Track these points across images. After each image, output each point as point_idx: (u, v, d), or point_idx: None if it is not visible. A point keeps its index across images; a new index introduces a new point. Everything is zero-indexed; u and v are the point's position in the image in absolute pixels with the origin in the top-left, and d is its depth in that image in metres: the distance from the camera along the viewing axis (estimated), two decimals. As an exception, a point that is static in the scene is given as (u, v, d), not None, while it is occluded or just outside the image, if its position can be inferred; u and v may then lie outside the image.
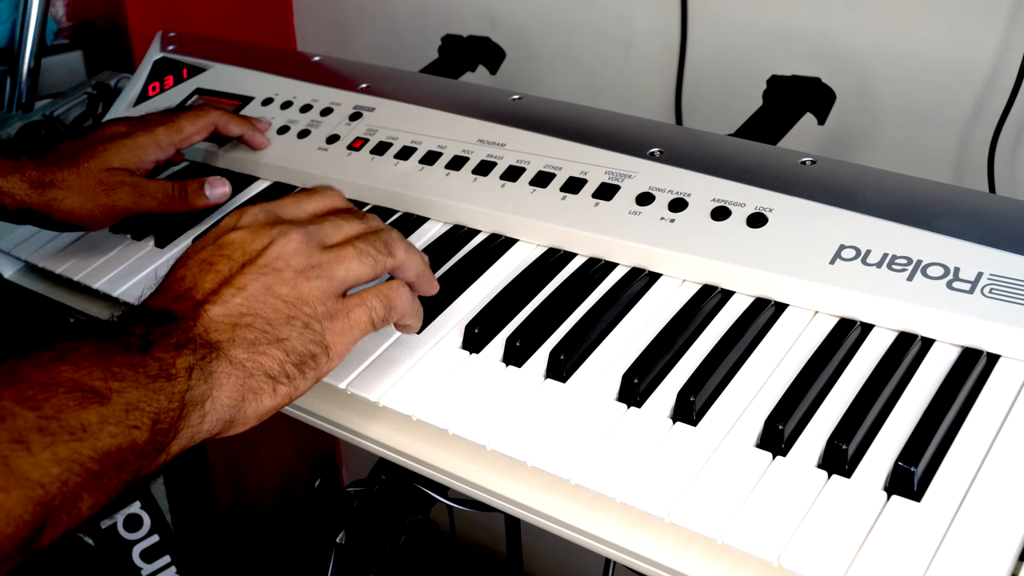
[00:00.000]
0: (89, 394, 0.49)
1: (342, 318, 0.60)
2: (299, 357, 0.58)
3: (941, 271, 0.62)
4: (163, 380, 0.52)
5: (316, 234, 0.62)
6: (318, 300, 0.59)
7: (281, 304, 0.58)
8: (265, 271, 0.58)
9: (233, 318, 0.57)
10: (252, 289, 0.58)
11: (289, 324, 0.58)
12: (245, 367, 0.56)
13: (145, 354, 0.53)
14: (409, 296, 0.64)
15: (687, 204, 0.72)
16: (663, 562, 0.55)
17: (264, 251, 0.59)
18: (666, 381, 0.62)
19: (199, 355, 0.54)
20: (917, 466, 0.52)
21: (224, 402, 0.55)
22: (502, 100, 0.89)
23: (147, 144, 0.84)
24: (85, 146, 0.82)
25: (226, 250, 0.60)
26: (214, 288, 0.58)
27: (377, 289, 0.62)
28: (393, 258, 0.64)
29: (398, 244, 0.64)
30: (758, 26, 1.11)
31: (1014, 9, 0.93)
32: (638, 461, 0.57)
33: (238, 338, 0.56)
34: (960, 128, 1.01)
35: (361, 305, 0.61)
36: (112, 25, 1.47)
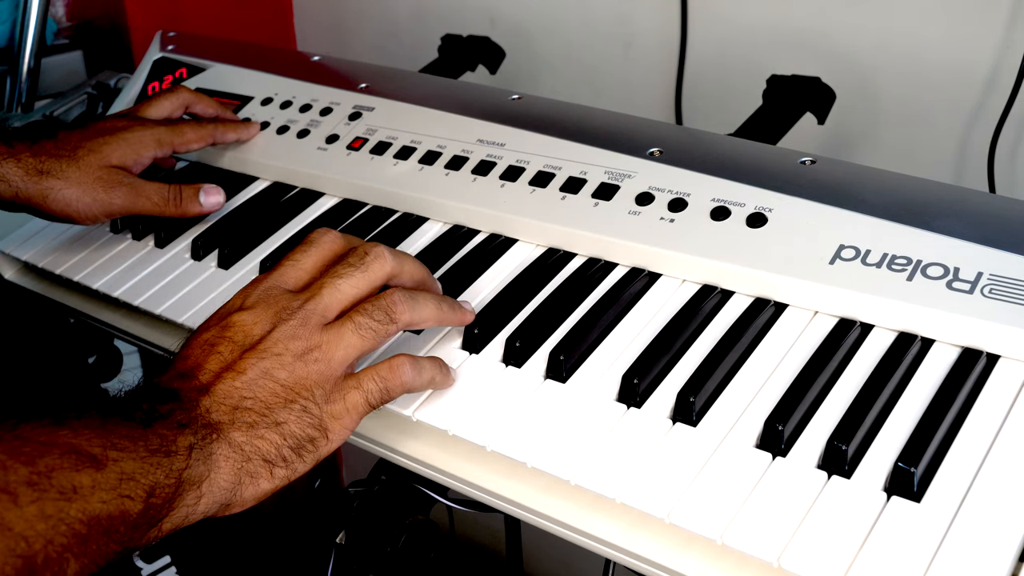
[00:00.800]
0: (85, 458, 0.49)
1: (339, 401, 0.60)
2: (296, 441, 0.58)
3: (941, 271, 0.62)
4: (162, 455, 0.52)
5: (315, 312, 0.61)
6: (316, 384, 0.59)
7: (280, 388, 0.58)
8: (265, 356, 0.59)
9: (234, 401, 0.57)
10: (252, 373, 0.58)
11: (287, 408, 0.58)
12: (243, 450, 0.56)
13: (148, 429, 0.53)
14: (410, 371, 0.62)
15: (687, 204, 0.72)
16: (663, 563, 0.55)
17: (265, 337, 0.60)
18: (666, 381, 0.62)
19: (200, 435, 0.55)
20: (917, 467, 0.52)
21: (221, 484, 0.55)
22: (502, 100, 0.89)
23: (147, 140, 0.84)
24: (85, 137, 0.82)
25: (229, 332, 0.60)
26: (216, 371, 0.58)
27: (376, 368, 0.62)
28: (395, 323, 0.63)
29: (399, 307, 0.63)
30: (758, 26, 1.11)
31: (1014, 9, 0.93)
32: (638, 462, 0.57)
33: (238, 421, 0.57)
34: (960, 128, 1.01)
35: (357, 388, 0.61)
36: (112, 25, 1.47)
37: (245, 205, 0.89)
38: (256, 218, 0.86)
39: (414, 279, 0.67)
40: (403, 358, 0.62)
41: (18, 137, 0.81)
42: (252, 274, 0.79)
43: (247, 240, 0.83)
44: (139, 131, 0.84)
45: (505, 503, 0.62)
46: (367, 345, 0.61)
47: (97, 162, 0.81)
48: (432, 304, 0.65)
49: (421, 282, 0.67)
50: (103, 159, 0.81)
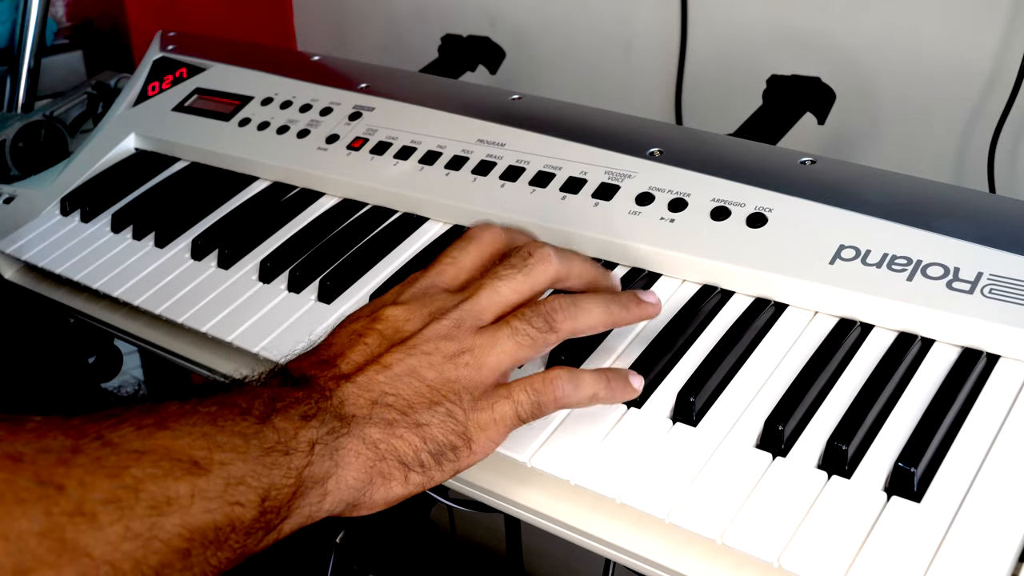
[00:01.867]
0: (184, 464, 0.45)
1: (487, 410, 0.56)
2: (437, 446, 0.54)
3: (941, 271, 0.62)
4: (279, 454, 0.49)
5: (470, 313, 0.58)
6: (465, 389, 0.55)
7: (425, 388, 0.55)
8: (413, 352, 0.55)
9: (374, 395, 0.54)
10: (398, 369, 0.55)
11: (431, 410, 0.54)
12: (378, 448, 0.52)
13: (264, 424, 0.49)
14: (567, 385, 0.57)
15: (687, 204, 0.72)
16: (663, 562, 0.55)
17: (416, 333, 0.56)
18: (666, 381, 0.62)
19: (327, 427, 0.51)
20: (917, 467, 0.52)
21: (349, 482, 0.51)
22: (502, 100, 0.89)
23: None
24: None
25: (379, 324, 0.57)
26: (360, 362, 0.55)
27: (530, 380, 0.57)
28: (556, 332, 0.58)
29: (560, 314, 0.58)
30: (758, 26, 1.11)
31: (1014, 9, 0.93)
32: (638, 462, 0.57)
33: (375, 416, 0.53)
34: (960, 128, 1.01)
35: (507, 398, 0.56)
36: (112, 25, 1.47)
37: (245, 205, 0.89)
38: (256, 218, 0.86)
39: (583, 280, 0.63)
40: (560, 370, 0.58)
41: None
42: (252, 274, 0.79)
43: (247, 240, 0.83)
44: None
45: (505, 503, 0.62)
46: (523, 353, 0.57)
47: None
48: (599, 309, 0.61)
49: (592, 282, 0.63)
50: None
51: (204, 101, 1.01)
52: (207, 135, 0.96)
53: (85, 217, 0.92)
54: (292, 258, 0.79)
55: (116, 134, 1.01)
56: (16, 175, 1.11)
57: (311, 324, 0.72)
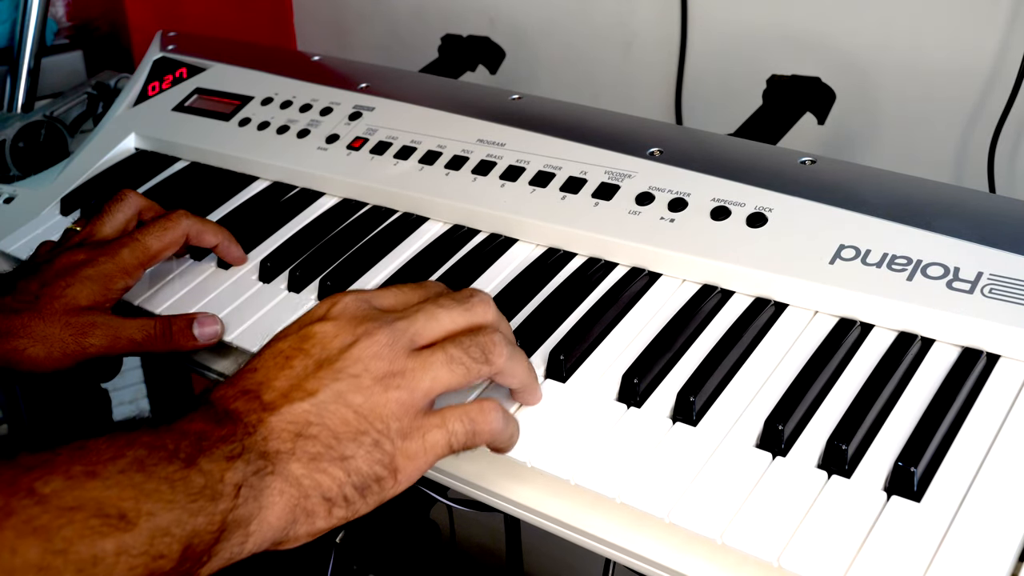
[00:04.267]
0: (113, 519, 0.44)
1: (417, 439, 0.54)
2: (362, 479, 0.52)
3: (941, 271, 0.62)
4: (205, 500, 0.47)
5: (405, 332, 0.55)
6: (393, 415, 0.53)
7: (352, 415, 0.52)
8: (340, 376, 0.53)
9: (298, 426, 0.51)
10: (323, 396, 0.52)
11: (357, 441, 0.52)
12: (301, 485, 0.50)
13: (191, 467, 0.47)
14: (501, 419, 0.56)
15: (687, 204, 0.72)
16: (663, 562, 0.55)
17: (344, 352, 0.54)
18: (666, 381, 0.62)
19: (252, 468, 0.49)
20: (917, 466, 0.52)
21: (272, 523, 0.50)
22: (502, 100, 0.89)
23: (112, 272, 0.73)
24: (45, 283, 0.72)
25: (306, 343, 0.54)
26: (284, 389, 0.52)
27: (464, 409, 0.55)
28: (490, 365, 0.56)
29: (498, 349, 0.57)
30: (758, 26, 1.11)
31: (1014, 9, 0.93)
32: (638, 461, 0.57)
33: (299, 450, 0.51)
34: (960, 128, 1.01)
35: (441, 427, 0.54)
36: (112, 25, 1.47)
37: (245, 205, 0.89)
38: (256, 218, 0.86)
39: (508, 340, 0.60)
40: (496, 403, 0.56)
41: None
42: (252, 274, 0.79)
43: (247, 240, 0.82)
44: (101, 264, 0.73)
45: (505, 503, 0.61)
46: (455, 381, 0.55)
47: (61, 308, 0.71)
48: (525, 363, 0.59)
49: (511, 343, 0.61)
50: (69, 304, 0.71)
51: (204, 101, 1.01)
52: (207, 135, 0.96)
53: (86, 217, 0.92)
54: (292, 258, 0.79)
55: (116, 134, 1.01)
56: (16, 175, 1.11)
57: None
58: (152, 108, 1.03)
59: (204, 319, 0.73)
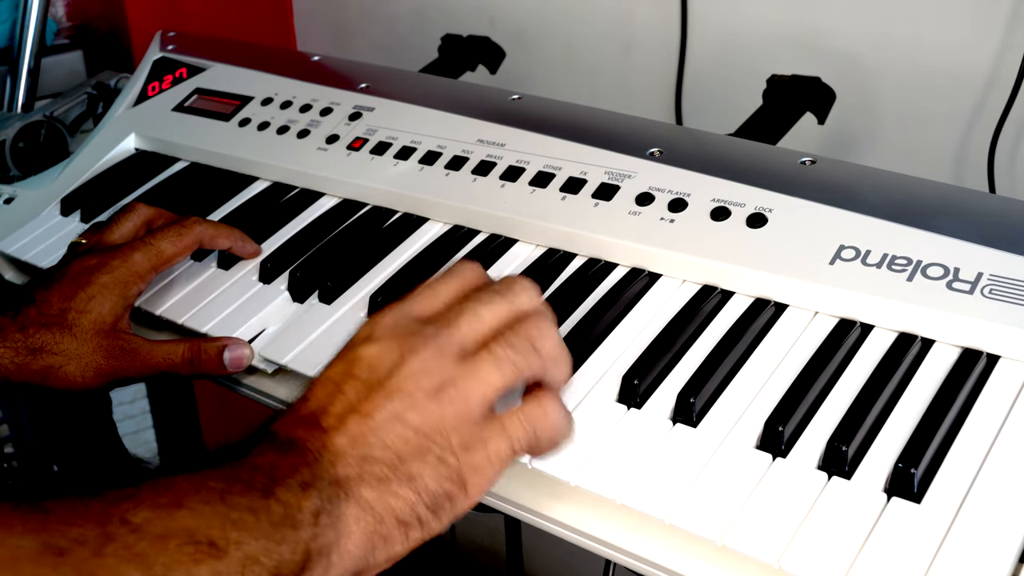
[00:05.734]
0: (204, 547, 0.44)
1: (480, 449, 0.53)
2: (432, 498, 0.51)
3: (941, 271, 0.62)
4: (287, 528, 0.47)
5: (451, 340, 0.54)
6: (452, 428, 0.52)
7: (411, 434, 0.51)
8: (393, 396, 0.52)
9: (361, 450, 0.51)
10: (379, 417, 0.51)
11: (421, 459, 0.51)
12: (375, 511, 0.50)
13: (269, 497, 0.47)
14: (561, 416, 0.55)
15: (687, 204, 0.72)
16: (663, 563, 0.55)
17: (393, 371, 0.53)
18: (666, 382, 0.62)
19: (326, 495, 0.49)
20: (917, 467, 0.52)
21: (352, 551, 0.49)
22: (502, 100, 0.89)
23: (127, 278, 0.73)
24: (65, 296, 0.72)
25: (355, 368, 0.53)
26: (340, 414, 0.52)
27: (524, 412, 0.54)
28: (539, 355, 0.55)
29: (543, 335, 0.55)
30: (758, 26, 1.11)
31: (1014, 10, 0.93)
32: (638, 463, 0.57)
33: (366, 474, 0.50)
34: (960, 128, 1.01)
35: (501, 434, 0.53)
36: (112, 25, 1.47)
37: (245, 206, 0.89)
38: (256, 219, 0.86)
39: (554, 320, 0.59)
40: (554, 402, 0.55)
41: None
42: (253, 275, 0.79)
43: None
44: (116, 270, 0.73)
45: (505, 503, 0.61)
46: (508, 381, 0.54)
47: (92, 327, 0.71)
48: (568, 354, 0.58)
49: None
50: (97, 322, 0.71)
51: (204, 101, 1.01)
52: (207, 135, 0.96)
53: (85, 217, 0.92)
54: (292, 259, 0.79)
55: (116, 134, 1.01)
56: (16, 175, 1.11)
57: (312, 325, 0.72)
58: (152, 108, 1.03)
59: (234, 346, 0.72)
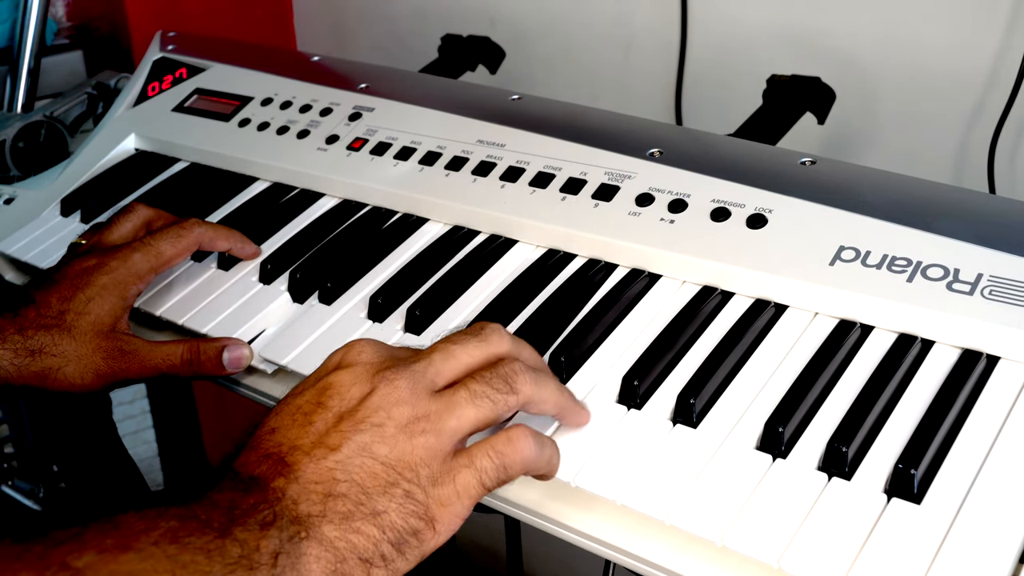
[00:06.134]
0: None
1: (448, 483, 0.52)
2: (397, 535, 0.50)
3: (941, 272, 0.62)
4: (243, 570, 0.45)
5: (425, 374, 0.54)
6: (422, 462, 0.51)
7: (380, 467, 0.50)
8: (362, 427, 0.51)
9: (326, 485, 0.49)
10: (347, 450, 0.50)
11: (387, 493, 0.50)
12: (336, 548, 0.48)
13: (225, 537, 0.46)
14: (532, 445, 0.54)
15: (687, 205, 0.72)
16: (663, 564, 0.55)
17: (364, 401, 0.52)
18: (666, 383, 0.62)
19: (287, 534, 0.48)
20: (917, 468, 0.52)
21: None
22: (502, 100, 0.89)
23: (126, 278, 0.73)
24: (64, 297, 0.72)
25: (324, 396, 0.53)
26: (306, 447, 0.50)
27: (490, 442, 0.53)
28: (516, 395, 0.54)
29: (521, 377, 0.55)
30: (758, 26, 1.11)
31: (1014, 9, 0.93)
32: (638, 464, 0.57)
33: (330, 511, 0.49)
34: (960, 128, 1.01)
35: (469, 466, 0.52)
36: (112, 25, 1.47)
37: (245, 206, 0.89)
38: (256, 219, 0.86)
39: (530, 362, 0.58)
40: (523, 429, 0.53)
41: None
42: (252, 276, 0.79)
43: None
44: (115, 271, 0.73)
45: (505, 504, 0.61)
46: (482, 418, 0.53)
47: (91, 328, 0.71)
48: (554, 385, 0.57)
49: (540, 367, 0.59)
50: (96, 323, 0.71)
51: (204, 101, 1.01)
52: (207, 135, 0.96)
53: (85, 218, 0.92)
54: (292, 259, 0.79)
55: (116, 134, 1.01)
56: (16, 175, 1.11)
57: (312, 326, 0.72)
58: (152, 108, 1.03)
59: (234, 347, 0.71)
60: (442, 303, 0.72)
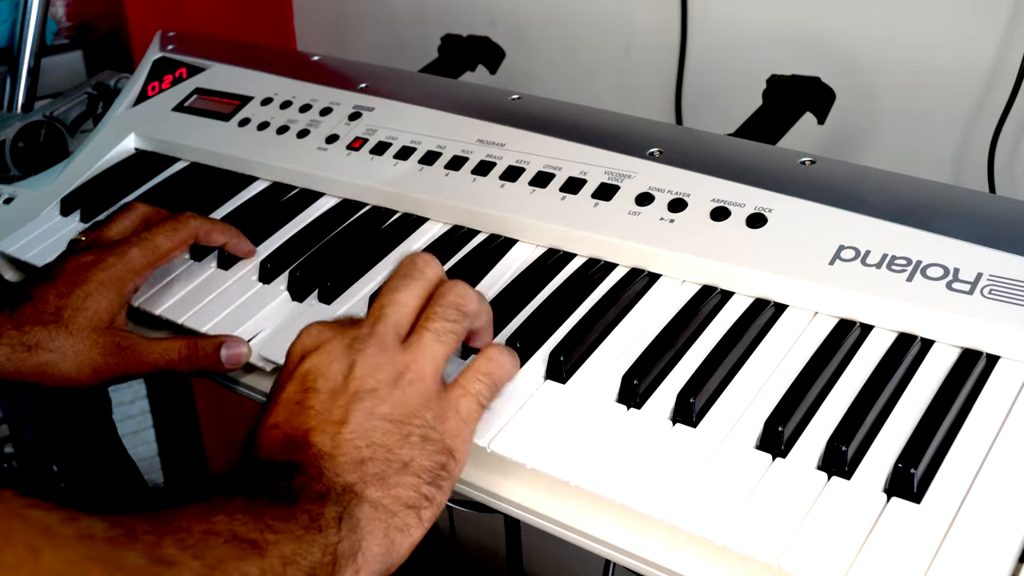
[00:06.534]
0: (247, 544, 0.46)
1: (452, 415, 0.56)
2: (430, 474, 0.54)
3: (941, 272, 0.62)
4: (315, 531, 0.49)
5: (387, 331, 0.57)
6: (422, 407, 0.56)
7: (390, 425, 0.54)
8: (360, 396, 0.54)
9: (353, 454, 0.53)
10: (355, 419, 0.54)
11: (407, 443, 0.54)
12: (386, 506, 0.52)
13: (293, 506, 0.49)
14: (509, 357, 0.60)
15: (686, 204, 0.72)
16: (663, 563, 0.55)
17: (349, 375, 0.55)
18: (666, 382, 0.62)
19: (343, 502, 0.51)
20: (917, 468, 0.52)
21: (375, 551, 0.51)
22: (502, 100, 0.89)
23: (123, 274, 0.73)
24: (61, 293, 0.72)
25: (308, 382, 0.56)
26: (316, 427, 0.54)
27: (475, 367, 0.59)
28: (468, 317, 0.60)
29: (465, 297, 0.60)
30: (758, 26, 1.11)
31: (1014, 9, 0.93)
32: (638, 463, 0.57)
33: (367, 476, 0.52)
34: (960, 128, 1.01)
35: (465, 395, 0.57)
36: (112, 25, 1.47)
37: (245, 206, 0.89)
38: (256, 219, 0.86)
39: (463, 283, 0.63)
40: (496, 348, 0.60)
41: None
42: (252, 275, 0.79)
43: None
44: (112, 267, 0.73)
45: (505, 503, 0.61)
46: (451, 348, 0.58)
47: (88, 324, 0.71)
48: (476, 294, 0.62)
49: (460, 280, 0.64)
50: (93, 319, 0.72)
51: (204, 101, 1.01)
52: (207, 135, 0.96)
53: (85, 217, 0.92)
54: (292, 259, 0.79)
55: (116, 134, 1.01)
56: (16, 175, 1.11)
57: (311, 325, 0.72)
58: (152, 108, 1.03)
59: (232, 343, 0.72)
60: (442, 302, 0.72)
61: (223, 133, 0.95)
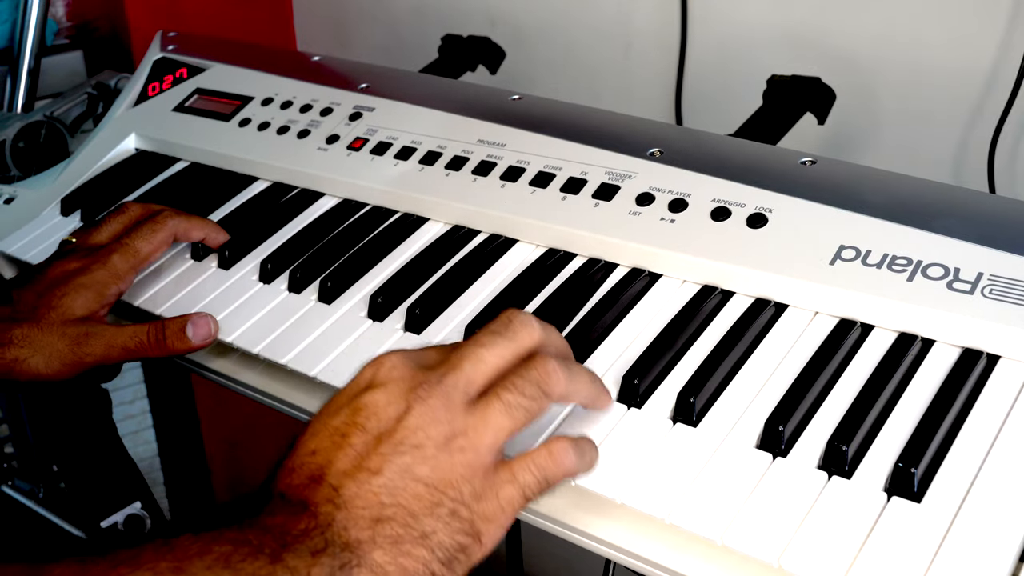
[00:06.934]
0: None
1: (491, 498, 0.52)
2: (446, 553, 0.50)
3: (941, 272, 0.62)
4: None
5: (457, 386, 0.53)
6: (464, 479, 0.51)
7: (423, 489, 0.50)
8: (402, 448, 0.51)
9: (373, 510, 0.49)
10: (390, 472, 0.50)
11: (433, 514, 0.50)
12: (388, 574, 0.48)
13: (276, 563, 0.46)
14: (573, 457, 0.54)
15: (687, 204, 0.72)
16: (663, 563, 0.55)
17: (401, 421, 0.52)
18: (666, 382, 0.62)
19: (338, 562, 0.47)
20: (917, 467, 0.52)
21: None
22: (502, 100, 0.89)
23: (105, 279, 0.75)
24: (41, 294, 0.74)
25: (360, 417, 0.52)
26: (348, 470, 0.50)
27: (532, 457, 0.53)
28: (549, 398, 0.54)
29: (554, 378, 0.54)
30: (758, 26, 1.11)
31: (1014, 9, 0.93)
32: (638, 462, 0.57)
33: (379, 537, 0.49)
34: (960, 128, 1.01)
35: (511, 481, 0.52)
36: (112, 25, 1.47)
37: (245, 206, 0.89)
38: (256, 219, 0.86)
39: (559, 352, 0.58)
40: (565, 443, 0.54)
41: None
42: (252, 275, 0.79)
43: (247, 241, 0.83)
44: (94, 272, 0.75)
45: (505, 503, 0.61)
46: (518, 426, 0.53)
47: (59, 318, 0.72)
48: (585, 377, 0.57)
49: (566, 356, 0.59)
50: (65, 314, 0.73)
51: (204, 101, 1.01)
52: (207, 135, 0.96)
53: (85, 217, 0.92)
54: (292, 259, 0.79)
55: (116, 134, 1.01)
56: (16, 175, 1.11)
57: (312, 325, 0.72)
58: (152, 108, 1.03)
59: (197, 320, 0.73)
60: (442, 302, 0.72)
61: (223, 133, 0.95)
